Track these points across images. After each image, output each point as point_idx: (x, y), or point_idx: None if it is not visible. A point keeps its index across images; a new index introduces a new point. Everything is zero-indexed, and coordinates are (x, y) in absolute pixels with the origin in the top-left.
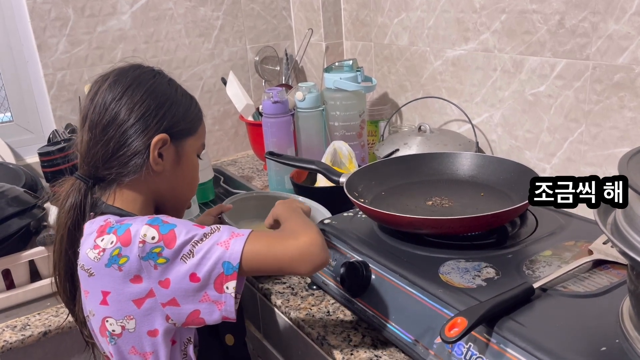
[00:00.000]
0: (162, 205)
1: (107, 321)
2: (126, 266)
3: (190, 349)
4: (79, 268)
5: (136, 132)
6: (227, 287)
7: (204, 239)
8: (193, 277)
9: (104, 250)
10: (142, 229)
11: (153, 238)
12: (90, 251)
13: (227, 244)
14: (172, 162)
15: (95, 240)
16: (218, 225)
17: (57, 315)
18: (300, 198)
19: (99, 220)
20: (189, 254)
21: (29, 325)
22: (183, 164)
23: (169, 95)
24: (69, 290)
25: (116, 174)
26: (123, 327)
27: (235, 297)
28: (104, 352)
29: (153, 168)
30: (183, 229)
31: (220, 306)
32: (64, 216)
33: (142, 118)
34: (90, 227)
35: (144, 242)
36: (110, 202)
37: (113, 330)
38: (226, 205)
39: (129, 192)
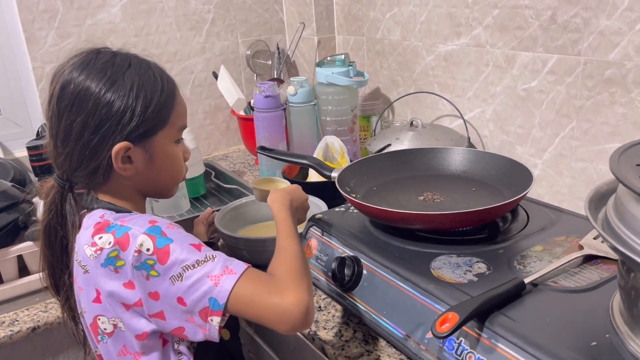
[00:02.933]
0: (147, 195)
1: (99, 319)
2: (123, 269)
3: (183, 347)
4: (75, 263)
5: (94, 146)
6: (211, 320)
7: (196, 265)
8: (180, 300)
9: (101, 249)
10: (140, 238)
11: (148, 250)
12: (87, 248)
13: (218, 280)
14: (144, 162)
15: (93, 237)
16: (214, 254)
17: (46, 311)
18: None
19: (95, 216)
20: (178, 277)
21: (17, 320)
22: (158, 160)
23: (123, 98)
24: (54, 286)
25: (86, 183)
26: (115, 326)
27: (222, 315)
28: (96, 351)
29: (122, 174)
30: (178, 246)
31: (204, 331)
32: (42, 217)
33: (97, 132)
34: (87, 221)
35: (139, 251)
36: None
37: (105, 329)
38: (208, 210)
39: (108, 194)
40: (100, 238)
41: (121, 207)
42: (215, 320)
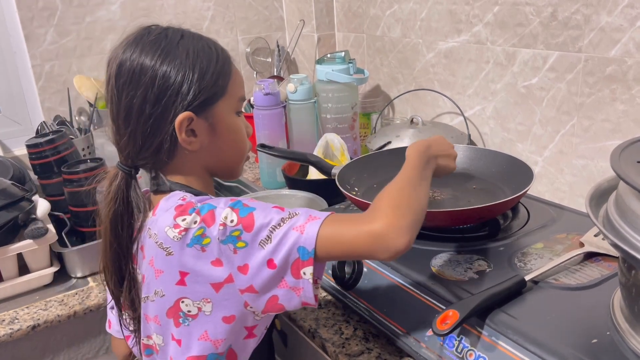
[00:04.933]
0: (214, 174)
1: (182, 302)
2: (209, 247)
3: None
4: (154, 246)
5: (156, 119)
6: (304, 273)
7: (282, 224)
8: (270, 263)
9: (186, 230)
10: (224, 212)
11: (232, 221)
12: (169, 229)
13: (303, 228)
14: (208, 134)
15: (176, 219)
16: (297, 210)
17: (46, 309)
18: (294, 191)
19: (175, 197)
20: (267, 240)
21: (17, 319)
22: (221, 131)
23: (179, 67)
24: (117, 279)
25: (153, 163)
26: (199, 309)
27: (315, 283)
28: (146, 341)
29: (188, 149)
30: (261, 212)
31: (298, 292)
32: (106, 207)
33: (157, 104)
34: (166, 203)
35: (224, 225)
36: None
37: (189, 311)
38: None
39: (177, 174)
40: (184, 220)
41: (196, 189)
42: (308, 273)
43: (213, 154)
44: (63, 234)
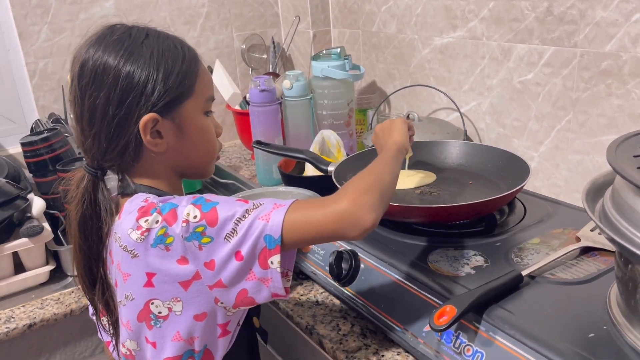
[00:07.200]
0: (184, 175)
1: (152, 303)
2: (173, 246)
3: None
4: (119, 249)
5: (120, 121)
6: (271, 262)
7: (247, 215)
8: (237, 255)
9: (148, 230)
10: (186, 209)
11: (195, 217)
12: (132, 232)
13: (268, 216)
14: (175, 135)
15: (138, 221)
16: (262, 201)
17: (42, 308)
18: (290, 188)
19: (138, 199)
20: (232, 232)
21: (13, 317)
22: (189, 132)
23: (143, 67)
24: (89, 282)
25: (119, 165)
26: (170, 309)
27: (286, 275)
28: (124, 344)
29: (154, 150)
30: (225, 206)
31: (267, 283)
32: (74, 209)
33: (120, 106)
34: (129, 206)
35: (187, 221)
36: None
37: (159, 312)
38: None
39: (143, 176)
40: (146, 220)
41: (161, 190)
42: (276, 262)
43: (181, 155)
44: (59, 232)
